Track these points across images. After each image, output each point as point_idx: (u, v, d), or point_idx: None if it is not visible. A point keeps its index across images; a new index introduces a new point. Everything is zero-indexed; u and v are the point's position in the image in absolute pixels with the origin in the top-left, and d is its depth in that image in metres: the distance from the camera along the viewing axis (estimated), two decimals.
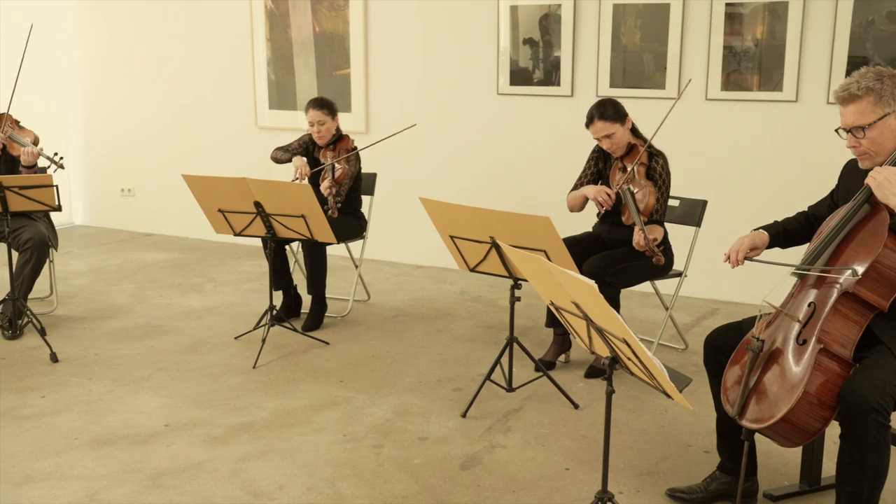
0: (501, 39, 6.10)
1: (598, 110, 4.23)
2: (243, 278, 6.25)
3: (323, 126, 5.09)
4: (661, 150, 4.33)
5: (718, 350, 3.05)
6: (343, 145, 5.15)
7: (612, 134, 4.22)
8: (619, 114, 4.24)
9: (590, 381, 4.32)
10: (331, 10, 6.65)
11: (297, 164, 5.06)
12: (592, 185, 4.35)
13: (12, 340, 4.84)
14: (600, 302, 2.38)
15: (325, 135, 5.12)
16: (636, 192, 4.14)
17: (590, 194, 4.27)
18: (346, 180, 5.07)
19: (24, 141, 4.88)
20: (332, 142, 5.17)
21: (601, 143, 4.29)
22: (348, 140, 5.18)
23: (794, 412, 2.59)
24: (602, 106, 4.24)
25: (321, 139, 5.13)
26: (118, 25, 7.62)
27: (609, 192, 4.19)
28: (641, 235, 3.89)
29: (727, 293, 5.69)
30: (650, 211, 4.17)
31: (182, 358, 4.63)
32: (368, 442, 3.64)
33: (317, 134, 5.11)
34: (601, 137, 4.25)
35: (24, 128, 5.04)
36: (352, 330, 5.11)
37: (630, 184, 4.17)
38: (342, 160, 5.04)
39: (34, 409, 3.95)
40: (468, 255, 3.95)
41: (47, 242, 4.92)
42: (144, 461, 3.46)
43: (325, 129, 5.11)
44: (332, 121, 5.13)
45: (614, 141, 4.24)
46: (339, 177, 5.03)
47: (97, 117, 7.91)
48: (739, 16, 5.40)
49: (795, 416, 2.59)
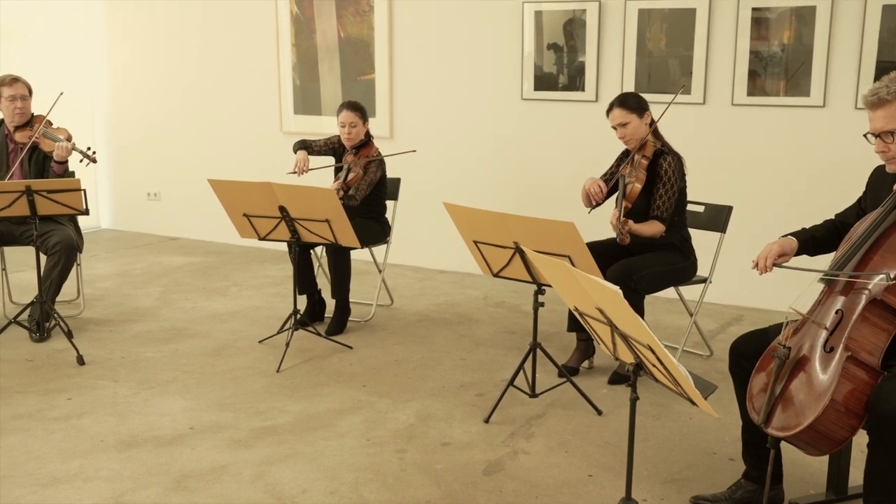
0: (526, 44, 6.09)
1: (619, 98, 4.35)
2: (268, 282, 6.28)
3: (354, 128, 5.12)
4: (676, 152, 4.33)
5: (744, 357, 3.02)
6: (365, 151, 5.17)
7: (627, 124, 4.28)
8: (640, 106, 4.30)
9: (613, 388, 4.30)
10: (356, 15, 6.68)
11: (298, 158, 5.16)
12: (591, 178, 4.39)
13: (40, 343, 4.88)
14: (625, 308, 2.37)
15: (355, 138, 5.15)
16: (628, 180, 4.25)
17: (586, 186, 4.37)
18: (364, 186, 5.08)
19: (57, 136, 4.94)
20: (358, 146, 5.19)
21: (616, 132, 4.34)
22: (372, 147, 5.20)
23: (820, 420, 2.56)
24: (624, 95, 4.37)
25: (350, 141, 5.16)
26: (146, 32, 7.69)
27: (601, 185, 4.32)
28: (614, 215, 4.09)
29: (753, 300, 5.64)
30: (633, 198, 4.24)
31: (207, 361, 4.66)
32: (391, 447, 3.65)
33: (346, 136, 5.14)
34: (617, 125, 4.32)
35: (57, 128, 5.10)
36: (375, 334, 5.12)
37: (628, 173, 4.28)
38: (357, 165, 5.07)
39: (61, 411, 3.99)
40: (492, 261, 3.95)
41: (75, 246, 4.97)
42: (169, 464, 3.48)
43: (356, 132, 5.14)
44: (362, 124, 5.16)
45: (628, 131, 4.30)
46: (351, 181, 5.06)
47: (124, 122, 7.98)
48: (766, 20, 5.36)
49: (822, 425, 2.57)
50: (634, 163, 4.29)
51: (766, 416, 2.70)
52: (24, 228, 4.96)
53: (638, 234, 4.16)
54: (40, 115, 5.08)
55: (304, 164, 5.13)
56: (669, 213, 4.28)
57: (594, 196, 4.34)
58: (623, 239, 4.07)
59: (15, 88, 4.99)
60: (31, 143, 4.97)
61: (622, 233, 4.06)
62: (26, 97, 5.04)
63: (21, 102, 5.01)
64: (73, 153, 4.91)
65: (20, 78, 5.06)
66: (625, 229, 4.06)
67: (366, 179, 5.10)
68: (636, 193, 4.25)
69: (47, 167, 5.02)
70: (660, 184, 4.26)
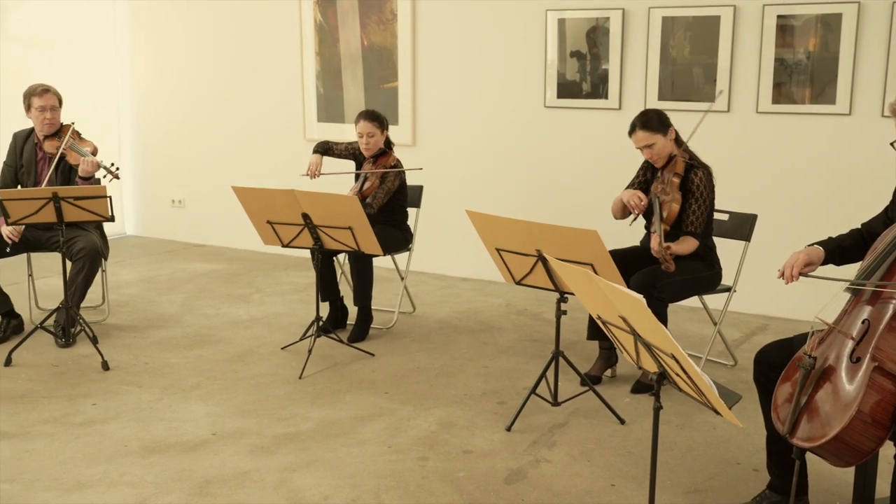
0: (549, 52, 6.09)
1: (640, 119, 4.26)
2: (290, 289, 6.31)
3: (372, 138, 5.13)
4: (705, 164, 4.30)
5: (769, 366, 3.00)
6: (383, 161, 5.18)
7: (653, 144, 4.23)
8: (663, 124, 4.25)
9: (636, 397, 4.28)
10: (379, 23, 6.70)
11: (311, 161, 5.24)
12: (630, 189, 4.35)
13: (65, 348, 4.93)
14: (648, 316, 2.36)
15: (373, 147, 5.16)
16: (663, 200, 4.18)
17: (624, 197, 4.31)
18: (381, 195, 5.10)
19: (83, 151, 4.98)
20: (376, 155, 5.20)
21: (643, 153, 4.29)
22: (390, 157, 5.21)
23: (847, 431, 2.53)
24: (645, 115, 4.28)
25: (368, 151, 5.17)
26: (171, 40, 7.76)
27: (641, 197, 4.24)
28: (655, 240, 4.00)
29: (777, 309, 5.60)
30: (672, 219, 4.19)
31: (230, 367, 4.68)
32: (413, 454, 3.64)
33: (365, 145, 5.15)
34: (642, 147, 4.26)
35: (84, 139, 5.15)
36: (397, 342, 5.12)
37: (661, 192, 4.21)
38: (374, 174, 5.08)
39: (85, 416, 4.02)
40: (514, 268, 3.94)
41: (100, 252, 5.01)
42: (192, 469, 3.50)
43: (374, 142, 5.14)
44: (381, 134, 5.16)
45: (655, 151, 4.25)
46: (367, 190, 5.07)
47: (149, 130, 8.05)
48: (791, 28, 5.33)
49: (848, 436, 2.54)
50: (665, 181, 4.22)
51: (792, 427, 2.67)
52: (50, 235, 5.01)
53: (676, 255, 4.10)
54: (68, 126, 5.13)
55: (317, 168, 5.22)
56: (702, 227, 4.25)
57: (636, 207, 4.22)
58: (668, 266, 3.99)
59: (45, 99, 5.04)
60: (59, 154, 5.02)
61: (667, 259, 3.98)
62: (56, 108, 5.09)
63: (51, 113, 5.06)
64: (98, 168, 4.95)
65: (51, 88, 5.11)
66: (668, 255, 3.98)
67: (383, 188, 5.11)
68: (675, 215, 4.17)
69: (73, 178, 5.07)
70: (692, 199, 4.21)
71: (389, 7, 6.63)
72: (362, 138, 5.14)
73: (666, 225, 4.17)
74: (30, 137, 5.19)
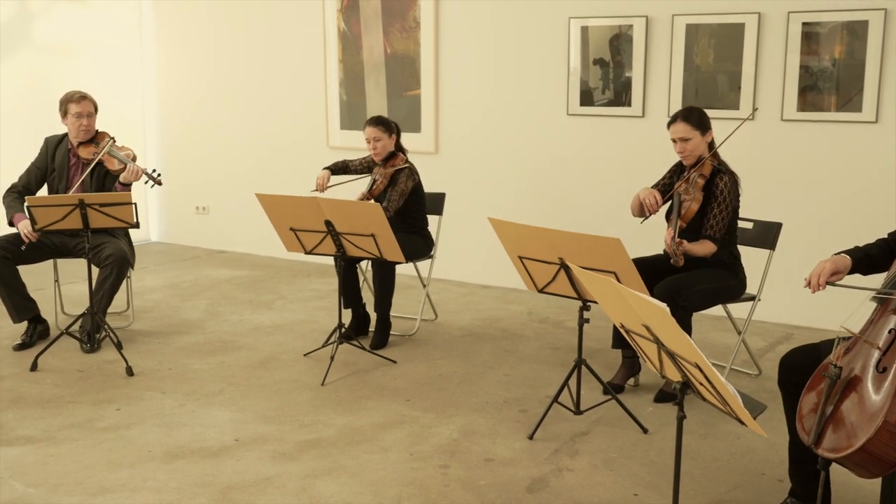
0: (571, 60, 6.08)
1: (683, 112, 4.31)
2: (313, 296, 6.33)
3: (379, 143, 5.19)
4: (732, 171, 4.29)
5: (793, 371, 2.98)
6: (392, 162, 5.23)
7: (689, 139, 4.25)
8: (703, 124, 4.27)
9: (659, 406, 4.25)
10: (402, 31, 6.73)
11: (318, 175, 5.34)
12: (649, 188, 4.35)
13: (90, 354, 4.97)
14: (672, 325, 2.34)
15: (381, 151, 5.21)
16: (684, 199, 4.21)
17: (641, 195, 4.33)
18: (395, 197, 5.12)
19: (124, 158, 5.03)
20: (386, 158, 5.25)
21: (675, 146, 4.30)
22: (398, 158, 5.25)
23: (873, 442, 2.50)
24: (689, 110, 4.33)
25: (377, 156, 5.23)
26: (195, 48, 7.83)
27: (657, 197, 4.27)
28: (669, 234, 4.05)
29: (802, 318, 5.55)
30: (689, 217, 4.21)
31: (252, 374, 4.70)
32: (435, 462, 3.64)
33: (373, 150, 5.23)
34: (677, 139, 4.28)
35: (121, 146, 5.18)
36: (419, 349, 5.12)
37: (684, 191, 4.24)
38: (382, 175, 5.18)
39: (109, 422, 4.05)
40: (537, 276, 3.93)
41: (127, 259, 5.05)
42: (215, 475, 3.51)
43: (381, 146, 5.20)
44: (388, 138, 5.21)
45: (688, 147, 4.26)
46: (375, 189, 5.16)
47: (174, 137, 8.12)
48: (816, 35, 5.29)
49: (875, 446, 2.51)
50: (691, 181, 4.24)
51: (817, 437, 2.65)
52: (77, 241, 5.06)
53: (690, 255, 4.12)
54: (104, 132, 5.17)
55: (323, 182, 5.31)
56: (722, 233, 4.23)
57: (649, 207, 4.28)
58: (677, 261, 4.03)
59: (82, 106, 5.09)
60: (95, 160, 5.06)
61: (676, 254, 4.02)
62: (92, 114, 5.14)
63: (87, 120, 5.10)
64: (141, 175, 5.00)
65: (88, 95, 5.15)
66: (679, 250, 4.02)
67: (396, 190, 5.14)
68: (692, 213, 4.21)
69: (108, 184, 5.11)
70: (714, 203, 4.21)
71: (412, 15, 6.65)
72: (370, 143, 5.22)
73: (682, 222, 4.20)
74: (62, 142, 5.24)
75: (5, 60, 7.08)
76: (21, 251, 4.96)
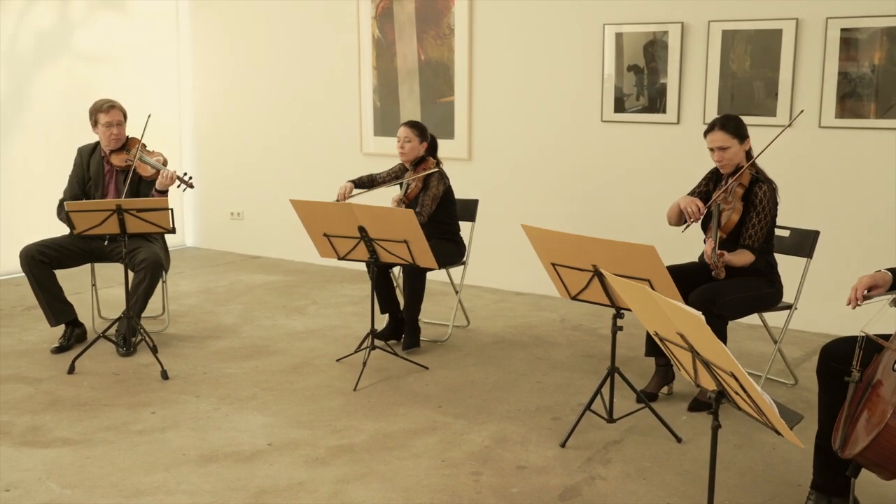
0: (606, 66, 6.06)
1: (721, 121, 4.28)
2: (346, 301, 6.35)
3: (408, 143, 5.22)
4: (770, 179, 4.25)
5: (833, 359, 3.00)
6: (423, 166, 5.25)
7: (727, 148, 4.22)
8: (740, 133, 4.24)
9: (693, 415, 4.21)
10: (436, 38, 6.74)
11: (342, 186, 5.33)
12: (689, 196, 4.31)
13: (126, 357, 5.02)
14: (707, 334, 2.33)
15: (409, 153, 5.24)
16: (724, 209, 4.17)
17: (682, 203, 4.29)
18: (428, 202, 5.13)
19: (155, 163, 5.09)
20: (416, 162, 5.26)
21: (713, 155, 4.26)
22: (429, 162, 5.28)
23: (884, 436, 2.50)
24: (727, 118, 4.30)
25: (404, 156, 5.26)
26: (231, 55, 7.90)
27: (699, 205, 4.21)
28: (710, 245, 3.99)
29: (839, 327, 5.45)
30: (729, 228, 4.17)
31: (285, 378, 4.73)
32: (466, 469, 3.63)
33: (400, 150, 5.25)
34: (715, 148, 4.25)
35: (151, 150, 5.25)
36: (451, 355, 5.12)
37: (723, 200, 4.20)
38: (415, 178, 5.17)
39: (145, 425, 4.09)
40: (570, 283, 3.92)
41: (161, 263, 5.10)
42: (248, 479, 3.54)
43: (410, 147, 5.23)
44: (418, 143, 5.23)
45: (726, 155, 4.22)
46: (410, 193, 5.18)
47: (209, 144, 8.20)
48: (855, 41, 5.23)
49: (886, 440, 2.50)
50: (729, 190, 4.20)
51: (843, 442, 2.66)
52: (113, 246, 5.12)
53: (730, 265, 4.08)
54: (135, 139, 5.24)
55: (344, 194, 5.30)
56: (760, 242, 4.19)
57: (692, 215, 4.21)
58: (719, 273, 3.99)
59: (111, 115, 5.16)
60: (128, 168, 5.12)
61: (718, 266, 3.98)
62: (121, 123, 5.21)
63: (117, 128, 5.17)
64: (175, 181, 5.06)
65: (116, 104, 5.22)
66: (721, 262, 3.98)
67: (428, 194, 5.16)
68: (733, 224, 4.17)
69: (142, 190, 5.17)
70: (753, 213, 4.17)
71: (446, 22, 6.67)
72: (399, 143, 5.25)
73: (723, 233, 4.15)
74: (95, 151, 5.32)
75: (47, 68, 7.20)
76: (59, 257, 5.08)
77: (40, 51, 7.13)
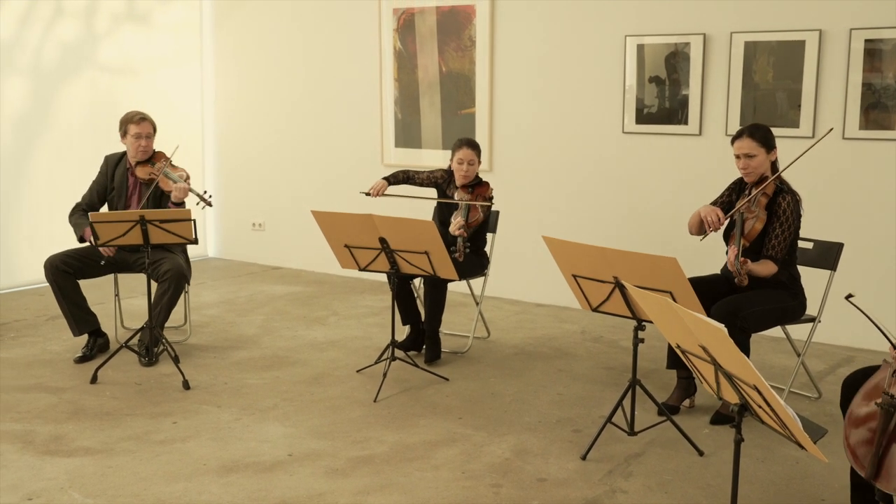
0: (627, 78, 6.05)
1: (750, 129, 4.28)
2: (366, 312, 6.36)
3: (472, 166, 5.16)
4: (794, 191, 4.22)
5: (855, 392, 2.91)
6: (481, 191, 5.18)
7: (754, 156, 4.21)
8: (768, 142, 4.23)
9: (715, 428, 4.18)
10: (457, 50, 6.76)
11: (376, 182, 5.28)
12: (710, 206, 4.29)
13: (148, 367, 5.05)
14: (730, 346, 2.31)
15: (471, 175, 5.18)
16: (747, 217, 4.16)
17: (703, 212, 4.28)
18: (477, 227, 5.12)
19: (175, 177, 5.13)
20: (472, 184, 5.22)
21: (738, 162, 4.25)
22: (488, 188, 5.21)
23: None
24: (756, 126, 4.31)
25: (466, 178, 5.17)
26: (253, 67, 7.96)
27: (720, 215, 4.21)
28: (733, 252, 3.99)
29: (864, 340, 5.41)
30: (753, 237, 4.16)
31: (306, 389, 4.73)
32: (487, 480, 3.62)
33: (464, 172, 5.14)
34: (742, 155, 4.24)
35: (175, 166, 5.28)
36: (471, 367, 5.11)
37: (746, 209, 4.18)
38: (478, 205, 5.07)
39: (166, 435, 4.10)
40: (591, 295, 3.90)
41: (184, 274, 5.13)
42: (268, 490, 3.54)
43: (473, 170, 5.17)
44: (479, 162, 5.20)
45: (752, 164, 4.21)
46: (473, 222, 5.05)
47: (232, 156, 8.25)
48: (879, 52, 5.19)
49: None
50: (753, 200, 4.19)
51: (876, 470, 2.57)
52: (136, 256, 5.16)
53: (753, 275, 4.05)
54: (162, 153, 5.28)
55: (379, 191, 5.25)
56: (784, 253, 4.17)
57: (712, 225, 4.21)
58: (741, 280, 3.99)
59: (141, 127, 5.21)
60: (151, 181, 5.17)
61: (740, 273, 3.97)
62: (150, 135, 5.25)
63: (145, 141, 5.22)
64: (189, 194, 5.09)
65: (147, 117, 5.27)
66: (744, 269, 3.97)
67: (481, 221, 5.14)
68: (756, 233, 4.15)
69: (164, 203, 5.21)
70: (777, 223, 4.15)
71: (468, 34, 6.69)
72: (462, 165, 5.14)
73: (746, 241, 4.13)
74: (121, 161, 5.36)
75: (71, 80, 7.28)
76: (82, 267, 5.11)
77: (65, 63, 7.21)
